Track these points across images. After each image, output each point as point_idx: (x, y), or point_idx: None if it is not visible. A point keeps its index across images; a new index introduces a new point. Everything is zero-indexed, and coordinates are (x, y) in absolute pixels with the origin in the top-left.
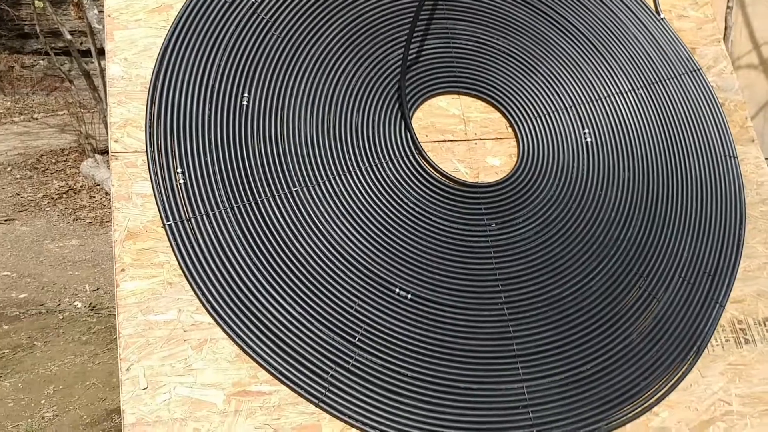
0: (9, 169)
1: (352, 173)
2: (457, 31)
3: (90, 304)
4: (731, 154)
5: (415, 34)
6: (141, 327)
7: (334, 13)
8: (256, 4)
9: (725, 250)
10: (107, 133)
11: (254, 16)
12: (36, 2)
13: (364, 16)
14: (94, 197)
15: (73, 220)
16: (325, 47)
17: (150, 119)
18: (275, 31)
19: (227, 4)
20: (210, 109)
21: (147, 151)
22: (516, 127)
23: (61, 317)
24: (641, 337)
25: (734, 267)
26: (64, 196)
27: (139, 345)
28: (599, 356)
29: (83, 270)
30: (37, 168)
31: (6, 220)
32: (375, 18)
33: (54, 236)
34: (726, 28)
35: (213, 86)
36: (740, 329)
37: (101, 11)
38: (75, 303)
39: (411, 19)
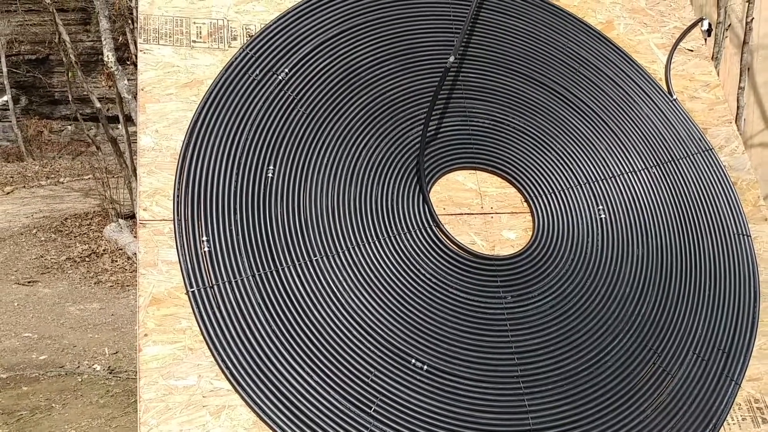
0: (34, 231)
1: (371, 244)
2: (474, 110)
3: (109, 367)
4: (744, 233)
5: (433, 112)
6: (161, 392)
7: (356, 91)
8: (283, 82)
9: (740, 328)
10: (131, 199)
11: (281, 93)
12: (69, 71)
13: (385, 94)
14: (116, 261)
15: (95, 283)
16: (347, 123)
17: (178, 189)
18: (301, 107)
19: (255, 81)
20: (236, 181)
21: (174, 220)
22: (531, 202)
23: (79, 380)
24: (656, 414)
25: (749, 344)
26: (87, 259)
27: (159, 410)
28: None
29: (103, 333)
30: (61, 231)
31: (29, 282)
32: (396, 97)
33: (75, 299)
34: (738, 108)
35: (240, 158)
36: (757, 408)
37: (131, 80)
38: (94, 366)
39: (430, 98)
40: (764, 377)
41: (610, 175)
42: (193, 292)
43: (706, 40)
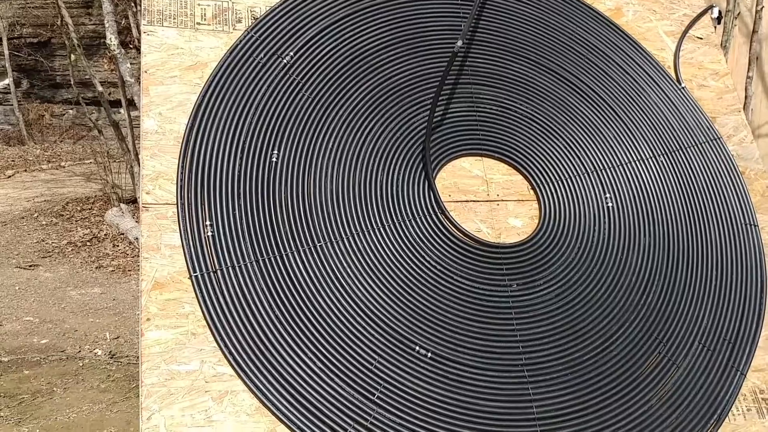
0: (35, 215)
1: (376, 231)
2: (481, 96)
3: (110, 352)
4: (752, 223)
5: (440, 98)
6: (164, 376)
7: (362, 75)
8: (288, 65)
9: (746, 318)
10: (133, 183)
11: (285, 77)
12: (71, 54)
13: (391, 79)
14: (118, 246)
15: (96, 268)
16: (353, 108)
17: (181, 172)
18: (305, 91)
19: (260, 65)
20: (240, 165)
21: (177, 204)
22: (538, 190)
23: (81, 364)
24: (661, 403)
25: (755, 335)
26: (88, 243)
27: (161, 394)
28: (618, 421)
29: (104, 318)
30: (62, 215)
31: (30, 266)
32: (402, 81)
33: (77, 283)
34: (746, 97)
35: (244, 142)
36: (762, 399)
37: (133, 64)
38: (95, 350)
39: (437, 84)
40: None
41: (618, 163)
42: (196, 276)
43: (715, 27)
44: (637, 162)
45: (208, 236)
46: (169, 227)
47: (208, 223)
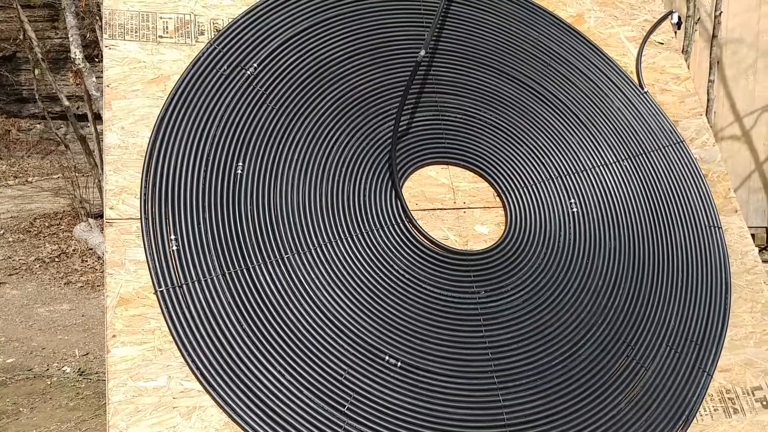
0: (2, 232)
1: (343, 240)
2: (445, 104)
3: (79, 369)
4: (715, 225)
5: (405, 107)
6: (131, 393)
7: (327, 86)
8: (252, 76)
9: (711, 319)
10: (101, 198)
11: (250, 88)
12: (35, 69)
13: (356, 89)
14: (87, 261)
15: (65, 284)
16: (318, 119)
17: (145, 187)
18: (270, 102)
19: (223, 77)
20: (204, 178)
21: (141, 218)
22: (503, 197)
23: (48, 382)
24: (630, 406)
25: (721, 336)
26: (56, 259)
27: (129, 412)
28: (589, 425)
29: (73, 334)
30: (30, 231)
31: None
32: (367, 91)
33: (45, 300)
34: (708, 101)
35: (208, 155)
36: (728, 399)
37: (99, 78)
38: (64, 368)
39: (401, 93)
40: (735, 368)
41: (582, 169)
42: (161, 291)
43: (675, 33)
44: (601, 167)
45: (173, 250)
46: (133, 242)
47: (172, 237)
